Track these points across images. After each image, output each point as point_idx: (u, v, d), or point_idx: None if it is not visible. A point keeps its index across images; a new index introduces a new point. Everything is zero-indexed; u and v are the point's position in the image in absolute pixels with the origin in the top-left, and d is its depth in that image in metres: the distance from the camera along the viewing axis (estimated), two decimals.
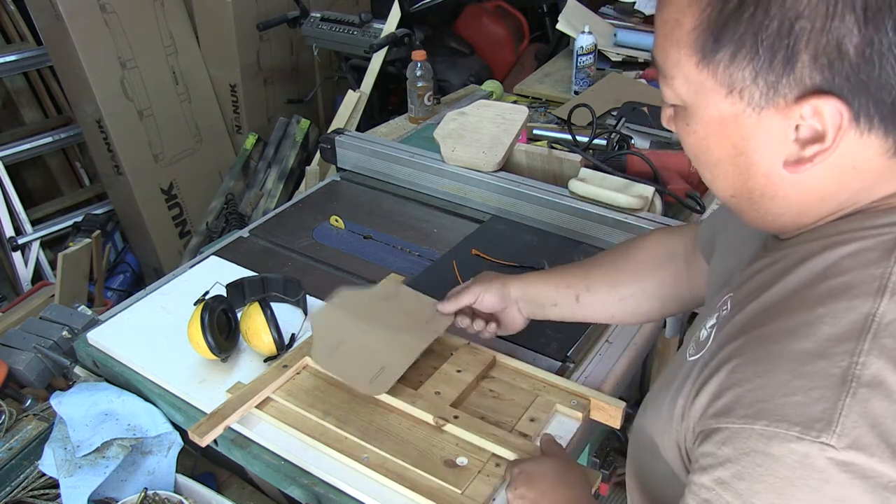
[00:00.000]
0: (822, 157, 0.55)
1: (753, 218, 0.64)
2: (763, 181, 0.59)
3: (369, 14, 2.80)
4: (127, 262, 3.06)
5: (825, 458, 0.50)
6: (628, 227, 1.38)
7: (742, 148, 0.58)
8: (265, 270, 1.33)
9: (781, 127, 0.55)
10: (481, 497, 0.88)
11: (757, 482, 0.52)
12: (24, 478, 1.12)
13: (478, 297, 1.04)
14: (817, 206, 0.60)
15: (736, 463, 0.53)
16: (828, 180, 0.57)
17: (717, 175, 0.63)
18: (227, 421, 0.99)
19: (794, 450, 0.51)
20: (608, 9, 2.64)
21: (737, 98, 0.56)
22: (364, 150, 1.71)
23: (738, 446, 0.53)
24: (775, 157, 0.57)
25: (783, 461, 0.51)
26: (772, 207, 0.61)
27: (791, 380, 0.52)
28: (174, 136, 2.94)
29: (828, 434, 0.50)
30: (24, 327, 1.32)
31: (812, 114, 0.54)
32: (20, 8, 2.89)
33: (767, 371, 0.54)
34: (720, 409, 0.56)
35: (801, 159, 0.56)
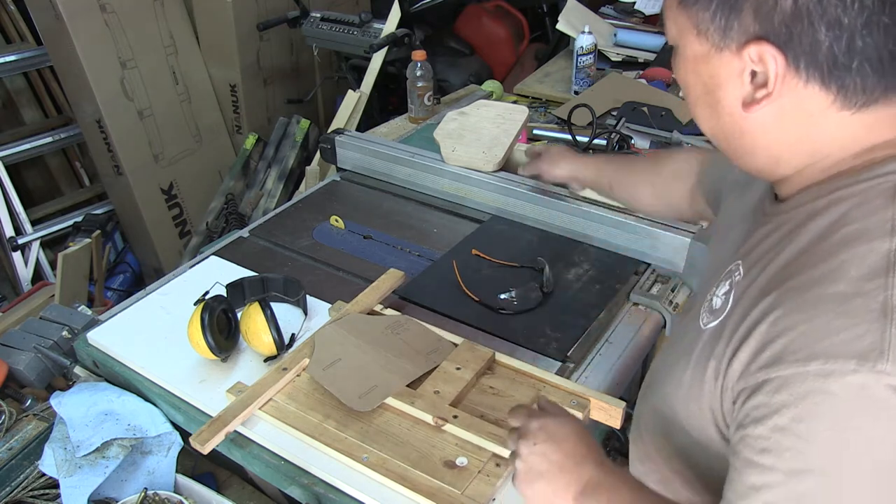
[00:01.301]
0: (768, 100, 0.61)
1: (734, 156, 0.71)
2: (728, 119, 0.66)
3: (369, 14, 2.80)
4: (127, 262, 3.06)
5: (883, 385, 0.52)
6: (628, 227, 1.38)
7: (710, 86, 0.66)
8: (265, 270, 1.33)
9: (738, 69, 0.62)
10: (481, 497, 0.89)
11: (817, 421, 0.54)
12: (24, 478, 1.12)
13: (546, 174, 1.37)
14: (788, 154, 0.65)
15: (793, 407, 0.55)
16: (788, 127, 0.63)
17: (699, 113, 0.70)
18: (227, 427, 0.99)
19: (851, 383, 0.53)
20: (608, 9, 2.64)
21: (703, 39, 0.64)
22: (364, 150, 1.71)
23: (794, 391, 0.55)
24: (735, 97, 0.64)
25: (842, 396, 0.53)
26: (743, 145, 0.68)
27: (834, 320, 0.55)
28: (174, 136, 2.94)
29: (882, 362, 0.52)
30: (24, 327, 1.32)
31: (757, 59, 0.60)
32: (20, 8, 2.88)
33: (809, 317, 0.57)
34: (768, 361, 0.58)
35: (753, 101, 0.62)
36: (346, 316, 1.17)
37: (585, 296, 1.30)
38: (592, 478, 0.75)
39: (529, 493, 0.78)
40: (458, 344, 1.13)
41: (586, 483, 0.74)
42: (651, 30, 2.49)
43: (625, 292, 1.32)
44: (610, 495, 0.73)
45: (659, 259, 1.36)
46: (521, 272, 1.36)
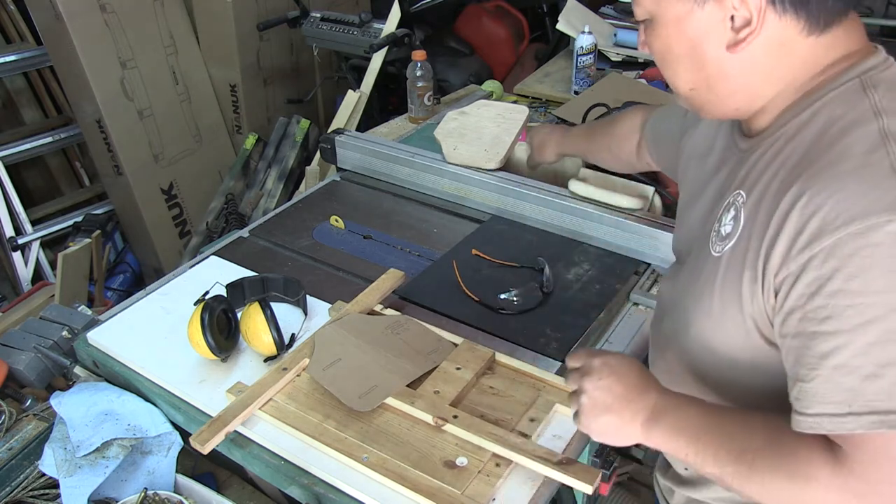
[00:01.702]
0: (753, 36, 0.70)
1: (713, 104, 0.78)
2: (715, 66, 0.74)
3: (369, 14, 2.80)
4: (127, 262, 3.06)
5: None
6: (628, 227, 1.38)
7: (695, 40, 0.74)
8: (265, 270, 1.33)
9: (720, 17, 0.71)
10: (481, 497, 0.89)
11: (869, 272, 0.61)
12: (24, 478, 1.12)
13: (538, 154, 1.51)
14: (762, 84, 0.74)
15: (844, 267, 0.62)
16: (765, 58, 0.72)
17: (679, 70, 0.77)
18: (227, 428, 0.99)
19: (890, 231, 0.60)
20: (608, 9, 2.63)
21: None
22: (364, 150, 1.71)
23: (840, 253, 0.62)
24: (719, 43, 0.72)
25: (885, 244, 0.60)
26: (725, 87, 0.76)
27: (858, 186, 0.63)
28: (174, 136, 2.94)
29: None
30: (24, 327, 1.32)
31: (740, 2, 0.69)
32: (20, 8, 2.89)
33: (833, 191, 0.64)
34: (808, 240, 0.65)
35: (738, 41, 0.71)
36: (346, 316, 1.17)
37: (585, 296, 1.30)
38: (657, 404, 0.79)
39: (595, 427, 0.81)
40: (458, 344, 1.13)
41: (652, 409, 0.79)
42: None
43: (625, 292, 1.32)
44: (677, 416, 0.77)
45: (659, 259, 1.36)
46: (521, 272, 1.36)
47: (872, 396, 0.61)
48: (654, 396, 0.79)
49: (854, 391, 0.62)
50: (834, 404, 0.64)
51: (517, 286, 1.28)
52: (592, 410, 0.80)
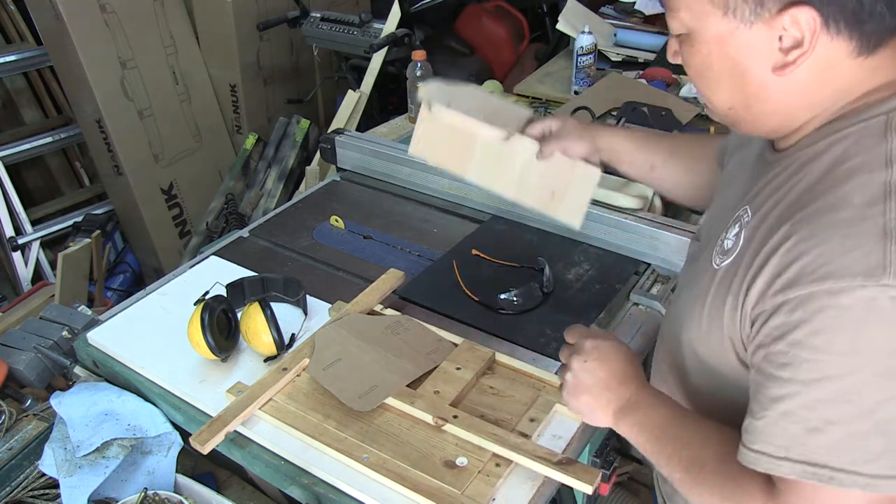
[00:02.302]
0: (803, 58, 0.67)
1: (749, 123, 0.76)
2: (757, 87, 0.71)
3: (369, 14, 2.80)
4: (127, 262, 3.06)
5: (888, 297, 0.59)
6: (628, 227, 1.38)
7: (738, 60, 0.70)
8: (265, 270, 1.33)
9: (768, 37, 0.67)
10: (481, 497, 0.89)
11: (831, 333, 0.61)
12: (24, 478, 1.12)
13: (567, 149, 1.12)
14: (803, 107, 0.71)
15: (809, 322, 0.62)
16: (809, 81, 0.69)
17: (718, 89, 0.74)
18: (227, 428, 0.99)
19: (861, 296, 0.59)
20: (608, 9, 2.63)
21: (731, 17, 0.68)
22: (364, 150, 1.71)
23: (809, 308, 0.62)
24: (765, 65, 0.69)
25: (853, 308, 0.60)
26: (765, 108, 0.72)
27: (842, 243, 0.61)
28: (174, 136, 2.94)
29: (886, 277, 0.59)
30: (24, 327, 1.32)
31: (791, 22, 0.65)
32: (20, 8, 2.89)
33: (819, 242, 0.63)
34: (784, 285, 0.64)
35: (786, 63, 0.67)
36: (346, 316, 1.17)
37: (585, 296, 1.30)
38: (631, 398, 0.83)
39: (574, 404, 0.87)
40: (458, 344, 1.13)
41: (626, 401, 0.83)
42: (651, 30, 2.48)
43: (625, 292, 1.32)
44: (646, 412, 0.82)
45: (659, 259, 1.36)
46: (521, 272, 1.36)
47: (812, 448, 0.63)
48: (631, 389, 0.84)
49: (795, 439, 0.64)
50: (774, 446, 0.66)
51: (517, 286, 1.28)
52: (574, 389, 0.87)
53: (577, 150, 1.12)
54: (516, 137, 1.11)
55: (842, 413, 0.62)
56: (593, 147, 1.12)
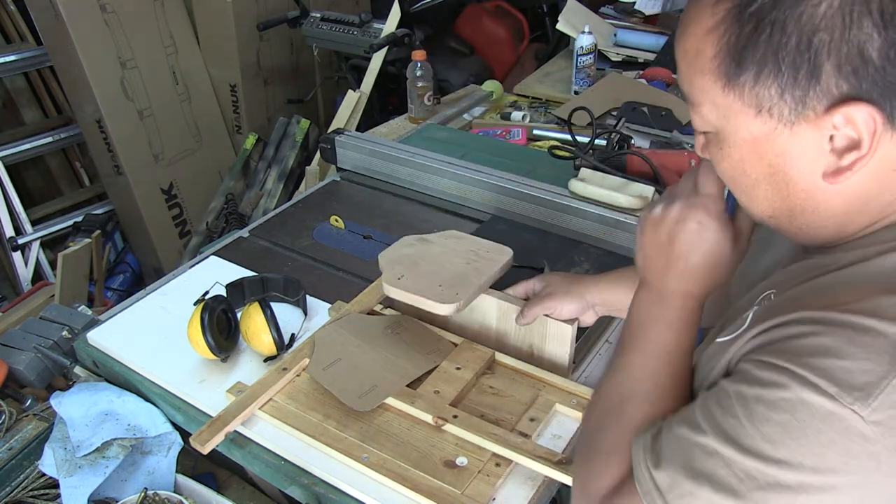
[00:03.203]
0: (861, 163, 0.56)
1: (794, 234, 0.65)
2: (803, 196, 0.60)
3: (369, 14, 2.80)
4: (127, 262, 3.06)
5: (848, 423, 0.52)
6: (628, 227, 1.38)
7: (778, 166, 0.59)
8: (265, 270, 1.33)
9: (815, 139, 0.56)
10: (481, 497, 0.89)
11: (774, 413, 0.54)
12: (24, 478, 1.12)
13: (554, 311, 1.03)
14: (860, 213, 0.60)
15: (765, 388, 0.55)
16: (868, 186, 0.58)
17: (755, 196, 0.63)
18: (227, 428, 0.99)
19: (824, 405, 0.52)
20: (608, 9, 2.64)
21: (766, 117, 0.57)
22: (364, 150, 1.71)
23: (776, 379, 0.55)
24: (813, 171, 0.58)
25: (809, 409, 0.53)
26: (814, 220, 0.62)
27: (847, 346, 0.53)
28: (174, 136, 2.94)
29: (862, 405, 0.51)
30: (24, 327, 1.32)
31: (844, 122, 0.54)
32: (20, 8, 2.88)
33: (828, 332, 0.55)
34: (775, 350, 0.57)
35: (839, 169, 0.57)
36: (346, 316, 1.17)
37: None
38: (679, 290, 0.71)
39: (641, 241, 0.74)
40: (458, 344, 1.13)
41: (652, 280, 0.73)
42: (651, 30, 2.49)
43: None
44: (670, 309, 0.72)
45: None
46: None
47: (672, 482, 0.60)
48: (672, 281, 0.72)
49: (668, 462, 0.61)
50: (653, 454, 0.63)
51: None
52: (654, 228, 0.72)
53: (566, 312, 1.04)
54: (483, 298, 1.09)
55: (721, 479, 0.57)
56: (584, 304, 1.04)
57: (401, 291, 1.04)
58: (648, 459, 0.63)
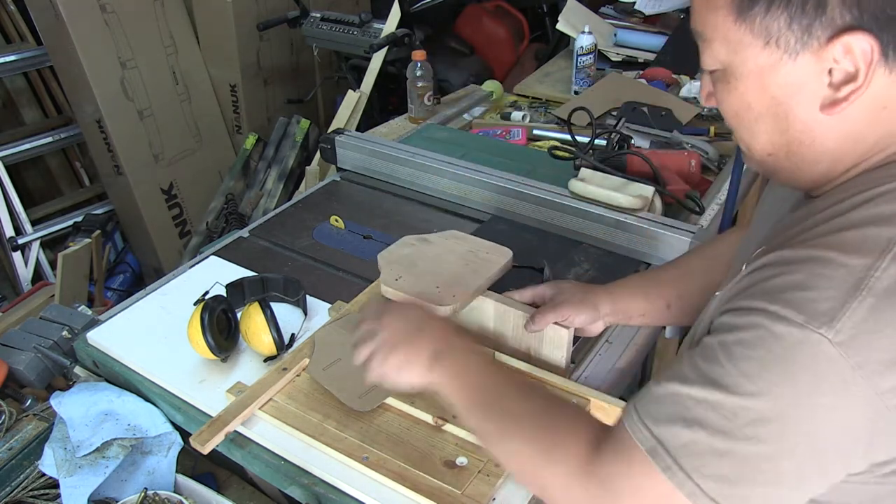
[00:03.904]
0: (857, 94, 0.60)
1: (789, 172, 0.69)
2: (801, 128, 0.64)
3: (369, 14, 2.80)
4: (127, 262, 3.06)
5: (817, 347, 0.56)
6: (628, 227, 1.38)
7: (781, 97, 0.63)
8: (265, 270, 1.33)
9: (816, 71, 0.61)
10: (481, 497, 0.88)
11: (751, 350, 0.59)
12: (24, 478, 1.12)
13: (567, 319, 1.04)
14: (849, 152, 0.64)
15: (742, 331, 0.60)
16: (859, 121, 0.62)
17: (758, 131, 0.67)
18: (227, 427, 0.99)
19: (793, 333, 0.57)
20: (608, 9, 2.64)
21: (773, 48, 0.61)
22: (364, 150, 1.71)
23: (750, 320, 0.60)
24: (812, 102, 0.62)
25: (781, 340, 0.58)
26: (808, 155, 0.66)
27: (810, 278, 0.58)
28: (174, 136, 2.94)
29: (827, 328, 0.56)
30: (24, 327, 1.31)
31: (844, 53, 0.59)
32: (20, 8, 2.89)
33: (794, 270, 0.60)
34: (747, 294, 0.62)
35: (836, 100, 0.61)
36: (345, 316, 1.17)
37: None
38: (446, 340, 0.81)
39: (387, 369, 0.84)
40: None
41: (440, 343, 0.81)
42: (651, 30, 2.49)
43: None
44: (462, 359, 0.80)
45: (659, 259, 1.36)
46: (521, 272, 1.35)
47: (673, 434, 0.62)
48: (440, 335, 0.82)
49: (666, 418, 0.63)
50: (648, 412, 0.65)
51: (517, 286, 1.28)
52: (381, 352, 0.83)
53: (578, 322, 1.04)
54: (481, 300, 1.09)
55: (713, 422, 0.60)
56: (597, 315, 1.04)
57: (398, 292, 1.04)
58: (646, 419, 0.65)
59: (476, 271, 1.09)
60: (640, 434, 0.64)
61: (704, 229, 1.42)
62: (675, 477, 0.61)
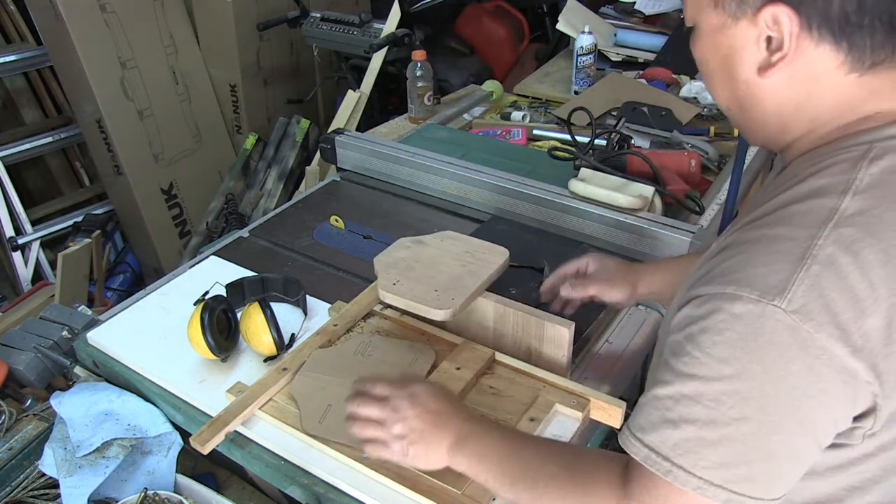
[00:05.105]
0: (784, 62, 0.65)
1: (747, 129, 0.75)
2: (744, 88, 0.70)
3: (369, 14, 2.80)
4: (127, 262, 3.06)
5: (774, 319, 0.59)
6: (628, 227, 1.38)
7: (727, 56, 0.70)
8: (265, 270, 1.33)
9: (754, 36, 0.66)
10: (481, 497, 0.88)
11: (718, 335, 0.62)
12: (24, 478, 1.12)
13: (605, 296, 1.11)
14: (794, 117, 0.69)
15: (705, 319, 0.63)
16: (796, 89, 0.67)
17: (715, 85, 0.74)
18: (227, 428, 0.99)
19: (751, 310, 0.60)
20: (608, 9, 2.64)
21: (721, 10, 0.68)
22: (364, 150, 1.71)
23: (710, 306, 0.63)
24: (751, 64, 0.68)
25: (742, 319, 0.60)
26: (755, 114, 0.72)
27: (760, 256, 0.62)
28: (174, 136, 2.94)
29: (780, 299, 0.59)
30: (24, 327, 1.32)
31: (772, 22, 0.64)
32: (20, 8, 2.88)
33: (745, 250, 0.64)
34: (702, 282, 0.65)
35: (769, 65, 0.66)
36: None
37: None
38: (462, 429, 0.83)
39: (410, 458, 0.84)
40: (458, 344, 1.13)
41: (457, 435, 0.82)
42: (651, 30, 2.49)
43: None
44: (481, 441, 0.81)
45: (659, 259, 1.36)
46: (521, 272, 1.36)
47: (662, 438, 0.64)
48: (459, 423, 0.83)
49: (652, 425, 0.65)
50: (636, 425, 0.67)
51: (517, 286, 1.28)
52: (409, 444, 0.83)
53: (613, 297, 1.10)
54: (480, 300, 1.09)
55: (697, 415, 0.62)
56: (633, 294, 1.10)
57: (397, 297, 1.04)
58: (636, 432, 0.67)
59: (474, 273, 1.09)
60: (633, 448, 0.66)
61: (704, 229, 1.42)
62: (678, 478, 0.63)
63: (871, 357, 0.60)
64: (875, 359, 0.60)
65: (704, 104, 2.04)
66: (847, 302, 0.59)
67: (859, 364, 0.60)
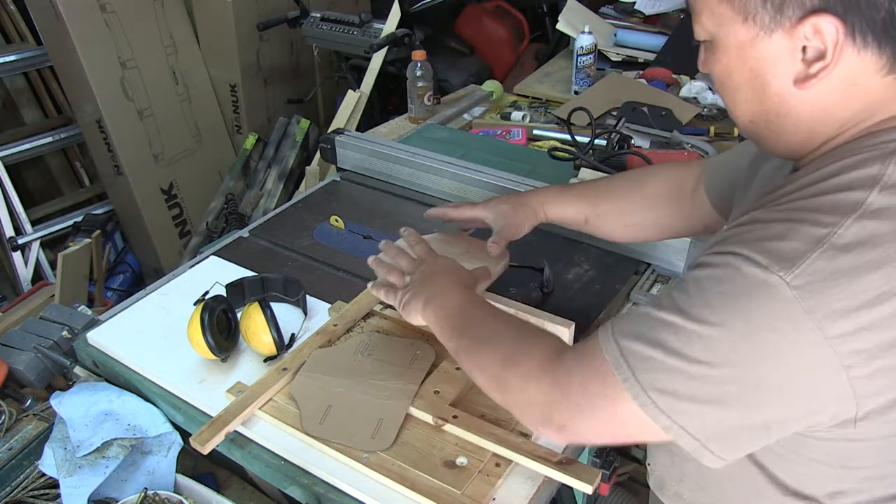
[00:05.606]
0: (826, 72, 0.64)
1: (770, 140, 0.73)
2: (776, 100, 0.68)
3: (369, 14, 2.80)
4: (127, 262, 3.06)
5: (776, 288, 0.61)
6: None
7: (757, 70, 0.67)
8: (265, 270, 1.33)
9: (789, 48, 0.64)
10: (481, 497, 0.89)
11: (719, 285, 0.64)
12: (24, 478, 1.12)
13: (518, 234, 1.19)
14: (823, 123, 0.68)
15: (715, 268, 0.65)
16: (831, 96, 0.66)
17: (739, 99, 0.72)
18: (227, 428, 0.99)
19: (757, 274, 0.62)
20: (608, 9, 2.64)
21: (751, 24, 0.65)
22: (364, 150, 1.71)
23: (724, 259, 0.65)
24: (786, 76, 0.66)
25: (745, 279, 0.62)
26: (786, 125, 0.70)
27: (780, 231, 0.63)
28: (174, 136, 2.94)
29: (787, 272, 0.60)
30: (24, 327, 1.32)
31: (813, 32, 0.62)
32: (20, 8, 2.89)
33: (765, 225, 0.65)
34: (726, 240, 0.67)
35: (807, 76, 0.64)
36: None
37: (585, 296, 1.30)
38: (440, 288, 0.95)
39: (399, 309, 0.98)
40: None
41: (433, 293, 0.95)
42: (651, 30, 2.49)
43: (624, 292, 1.32)
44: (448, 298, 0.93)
45: (659, 259, 1.36)
46: (521, 272, 1.36)
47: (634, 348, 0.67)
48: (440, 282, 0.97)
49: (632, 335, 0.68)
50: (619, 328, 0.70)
51: (517, 286, 1.28)
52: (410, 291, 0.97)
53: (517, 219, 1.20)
54: None
55: (670, 343, 0.65)
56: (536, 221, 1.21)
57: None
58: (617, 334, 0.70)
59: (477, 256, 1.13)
60: (608, 344, 0.70)
61: None
62: (632, 388, 0.67)
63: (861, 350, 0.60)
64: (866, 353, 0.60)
65: (704, 104, 2.04)
66: (853, 291, 0.59)
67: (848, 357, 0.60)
